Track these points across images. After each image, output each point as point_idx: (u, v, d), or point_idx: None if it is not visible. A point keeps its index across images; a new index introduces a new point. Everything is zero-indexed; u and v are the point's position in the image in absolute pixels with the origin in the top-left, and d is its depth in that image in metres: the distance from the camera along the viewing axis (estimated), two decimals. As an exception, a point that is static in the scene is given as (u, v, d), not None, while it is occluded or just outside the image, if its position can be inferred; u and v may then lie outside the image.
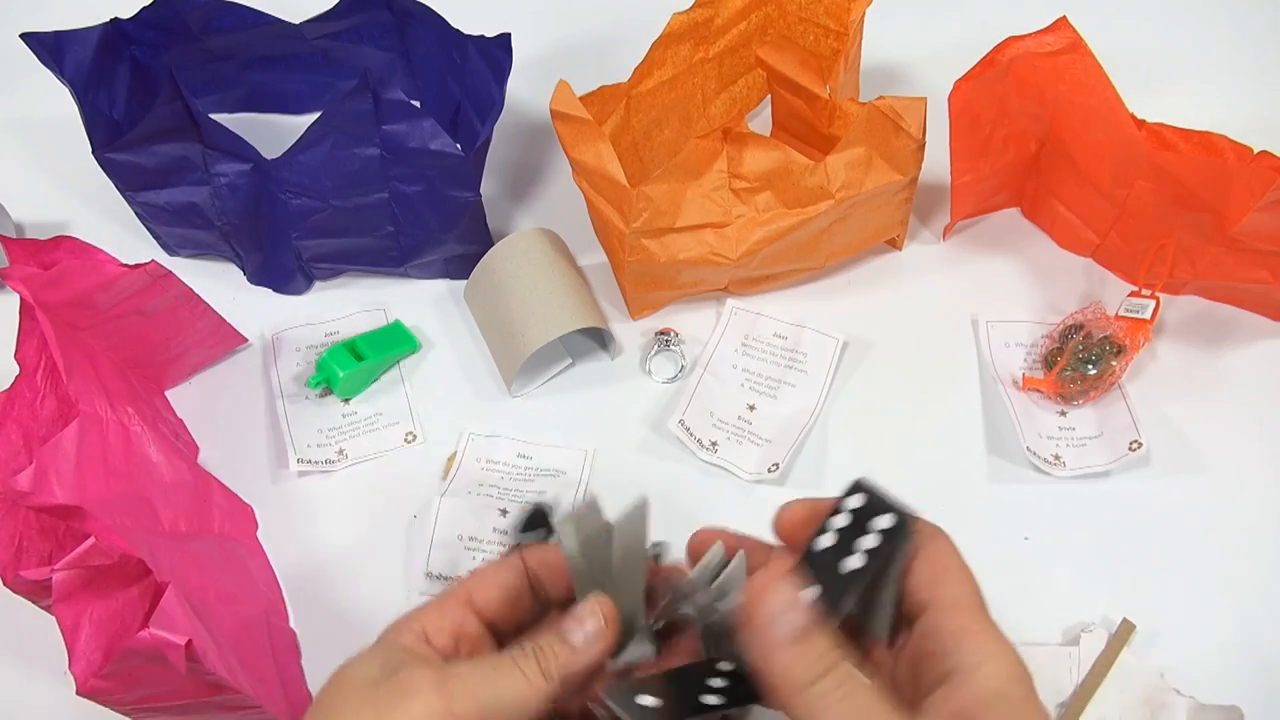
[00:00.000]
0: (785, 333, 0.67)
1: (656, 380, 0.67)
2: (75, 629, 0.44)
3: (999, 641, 0.33)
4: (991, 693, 0.31)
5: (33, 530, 0.50)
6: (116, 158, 0.64)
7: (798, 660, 0.32)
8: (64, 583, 0.44)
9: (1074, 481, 0.61)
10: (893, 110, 0.61)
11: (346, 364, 0.64)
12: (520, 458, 0.63)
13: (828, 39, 0.74)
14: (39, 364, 0.54)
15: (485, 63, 0.67)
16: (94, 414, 0.51)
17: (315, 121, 0.60)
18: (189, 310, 0.61)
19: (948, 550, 0.36)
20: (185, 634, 0.42)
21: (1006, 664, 0.32)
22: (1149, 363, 0.66)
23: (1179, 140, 0.62)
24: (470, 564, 0.59)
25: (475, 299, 0.68)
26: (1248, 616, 0.56)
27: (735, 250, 0.63)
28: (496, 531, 0.59)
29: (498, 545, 0.59)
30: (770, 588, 0.33)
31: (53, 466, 0.46)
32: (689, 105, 0.75)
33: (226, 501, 0.59)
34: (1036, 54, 0.61)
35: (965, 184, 0.68)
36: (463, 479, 0.62)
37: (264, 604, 0.56)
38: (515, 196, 0.76)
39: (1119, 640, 0.54)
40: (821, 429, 0.64)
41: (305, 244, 0.67)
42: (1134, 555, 0.59)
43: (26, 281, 0.51)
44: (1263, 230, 0.59)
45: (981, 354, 0.67)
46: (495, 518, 0.60)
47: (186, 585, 0.48)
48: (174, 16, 0.68)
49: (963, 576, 0.35)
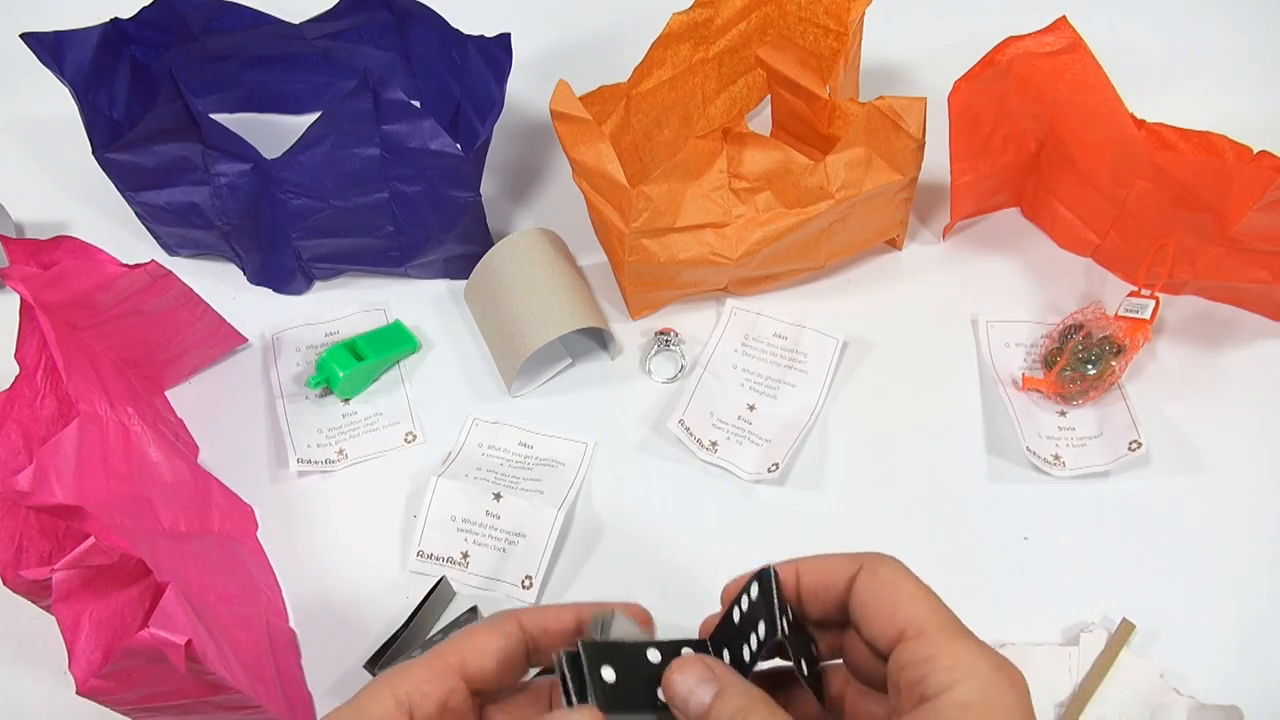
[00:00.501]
0: (785, 333, 0.67)
1: (656, 380, 0.67)
2: (75, 629, 0.44)
3: (970, 660, 0.31)
4: (961, 711, 0.30)
5: (33, 530, 0.50)
6: (116, 158, 0.64)
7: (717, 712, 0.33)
8: (64, 582, 0.44)
9: (1074, 481, 0.61)
10: (892, 110, 0.61)
11: (346, 364, 0.64)
12: (521, 446, 0.63)
13: (828, 39, 0.74)
14: (39, 364, 0.54)
15: (485, 63, 0.67)
16: (94, 414, 0.51)
17: (315, 121, 0.60)
18: (189, 310, 0.61)
19: (895, 577, 0.34)
20: (185, 634, 0.42)
21: (979, 682, 0.31)
22: (1149, 363, 0.66)
23: (1179, 140, 0.62)
24: (461, 546, 0.59)
25: (475, 299, 0.68)
26: (1247, 616, 0.56)
27: (735, 250, 0.63)
28: (489, 515, 0.60)
29: (489, 529, 0.59)
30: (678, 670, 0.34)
31: (52, 466, 0.46)
32: (689, 105, 0.75)
33: (226, 502, 0.59)
34: (1036, 54, 0.61)
35: (965, 184, 0.68)
36: (462, 463, 0.62)
37: (263, 604, 0.56)
38: (515, 196, 0.76)
39: (1119, 640, 0.54)
40: (821, 429, 0.64)
41: (305, 244, 0.67)
42: (1133, 555, 0.59)
43: (26, 281, 0.51)
44: (1262, 230, 0.59)
45: (981, 354, 0.67)
46: (489, 501, 0.60)
47: (186, 585, 0.48)
48: (174, 16, 0.68)
49: (917, 598, 0.33)
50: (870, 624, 0.34)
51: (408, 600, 0.57)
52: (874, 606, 0.34)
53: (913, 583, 0.34)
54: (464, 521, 0.60)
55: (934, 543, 0.60)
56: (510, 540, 0.59)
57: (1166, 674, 0.53)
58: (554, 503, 0.60)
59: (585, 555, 0.60)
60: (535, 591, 0.58)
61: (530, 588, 0.58)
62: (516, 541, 0.59)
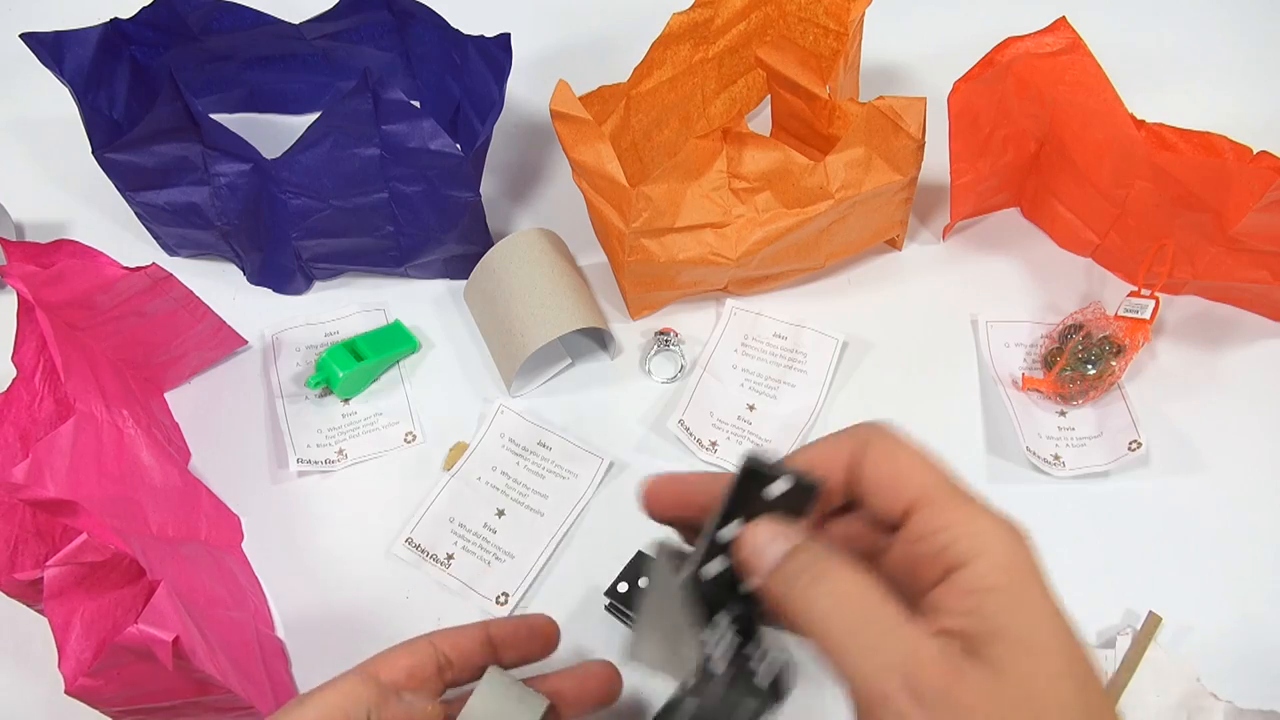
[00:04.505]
0: (785, 333, 0.67)
1: (656, 380, 0.67)
2: (66, 627, 0.44)
3: (988, 524, 0.31)
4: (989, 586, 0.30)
5: (29, 534, 0.50)
6: (116, 158, 0.64)
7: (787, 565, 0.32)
8: (55, 579, 0.44)
9: (1073, 481, 0.61)
10: (892, 110, 0.61)
11: (346, 364, 0.64)
12: (540, 446, 0.63)
13: (827, 39, 0.74)
14: (37, 366, 0.54)
15: (485, 63, 0.67)
16: (90, 414, 0.51)
17: (315, 121, 0.60)
18: (189, 313, 0.61)
19: (895, 449, 0.34)
20: (174, 631, 0.42)
21: (1003, 544, 0.31)
22: (1148, 363, 0.66)
23: (1179, 140, 0.62)
24: (449, 547, 0.59)
25: (475, 299, 0.68)
26: (1248, 616, 0.56)
27: (735, 250, 0.63)
28: (486, 528, 0.60)
29: (481, 540, 0.59)
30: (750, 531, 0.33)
31: (48, 461, 0.46)
32: (689, 105, 0.75)
33: (214, 510, 0.59)
34: (1036, 54, 0.61)
35: (965, 184, 0.68)
36: (479, 458, 0.62)
37: (251, 610, 0.55)
38: (515, 196, 0.76)
39: (1145, 634, 0.54)
40: (821, 429, 0.64)
41: (305, 244, 0.67)
42: (1133, 555, 0.59)
43: (26, 280, 0.50)
44: (1262, 230, 0.59)
45: (981, 354, 0.67)
46: (490, 515, 0.60)
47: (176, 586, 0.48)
48: (174, 16, 0.68)
49: (921, 469, 0.33)
50: (877, 500, 0.33)
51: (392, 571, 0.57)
52: (878, 483, 0.33)
53: (911, 452, 0.34)
54: (460, 526, 0.60)
55: (934, 543, 0.60)
56: (498, 557, 0.59)
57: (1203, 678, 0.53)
58: (551, 529, 0.60)
59: (583, 556, 0.60)
60: (509, 608, 0.57)
61: (505, 604, 0.57)
62: (504, 560, 0.59)
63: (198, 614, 0.48)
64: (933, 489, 0.32)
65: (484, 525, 0.60)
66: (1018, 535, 0.31)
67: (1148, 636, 0.54)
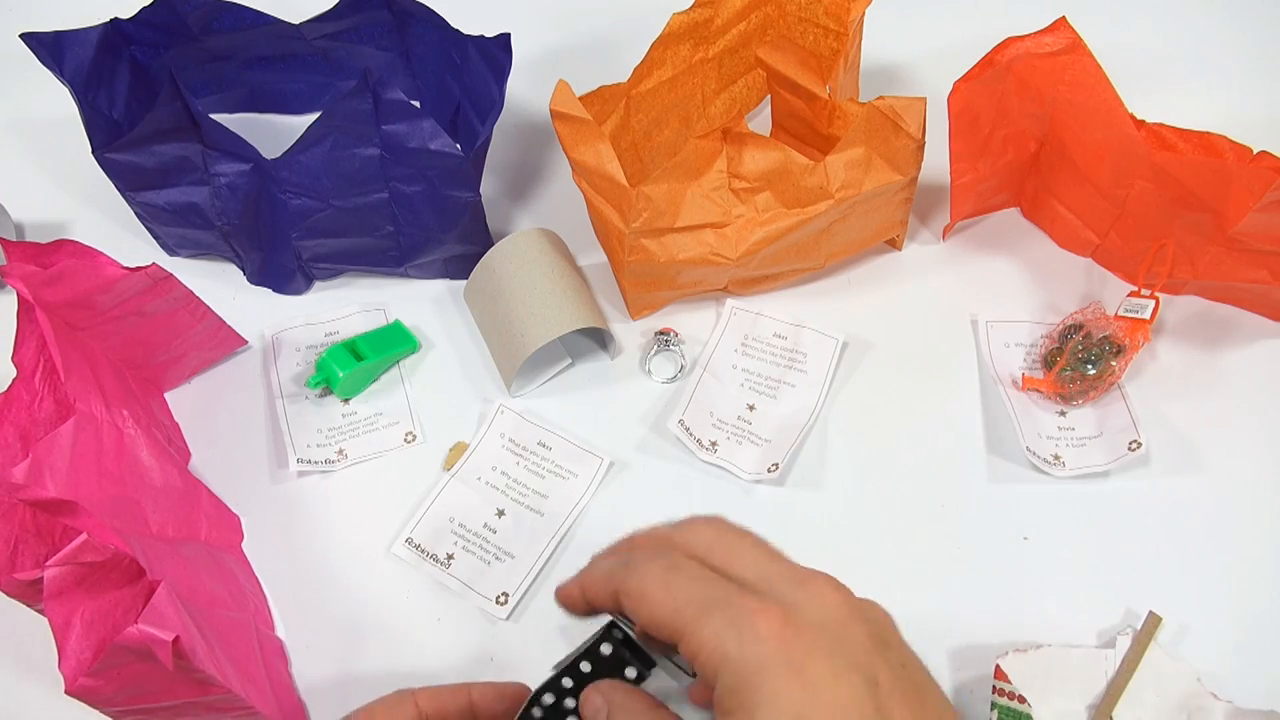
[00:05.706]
0: (785, 333, 0.67)
1: (656, 380, 0.67)
2: (66, 627, 0.44)
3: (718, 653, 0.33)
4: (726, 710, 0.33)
5: (29, 534, 0.50)
6: (116, 158, 0.64)
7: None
8: (56, 579, 0.44)
9: (1073, 481, 0.61)
10: (892, 110, 0.61)
11: (346, 364, 0.64)
12: (540, 446, 0.63)
13: (827, 39, 0.74)
14: (37, 366, 0.53)
15: (485, 63, 0.67)
16: (90, 414, 0.51)
17: (315, 121, 0.60)
18: (189, 313, 0.61)
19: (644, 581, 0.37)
20: (174, 630, 0.42)
21: (730, 677, 0.33)
22: (1148, 363, 0.66)
23: (1179, 140, 0.62)
24: (449, 548, 0.59)
25: (475, 299, 0.68)
26: (1248, 616, 0.56)
27: (735, 250, 0.63)
28: (486, 528, 0.60)
29: (481, 540, 0.59)
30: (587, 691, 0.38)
31: (48, 461, 0.46)
32: (689, 105, 0.75)
33: (214, 510, 0.59)
34: (1036, 54, 0.61)
35: (965, 184, 0.68)
36: (479, 458, 0.62)
37: (251, 610, 0.55)
38: (515, 196, 0.76)
39: (1146, 634, 0.54)
40: (821, 429, 0.64)
41: (305, 244, 0.67)
42: (1133, 555, 0.59)
43: (26, 280, 0.50)
44: (1262, 230, 0.59)
45: (981, 354, 0.67)
46: (491, 515, 0.60)
47: (176, 586, 0.48)
48: (174, 16, 0.68)
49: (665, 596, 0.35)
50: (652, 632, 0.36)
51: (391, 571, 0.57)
52: (643, 623, 0.36)
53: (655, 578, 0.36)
54: (460, 526, 0.60)
55: (933, 543, 0.60)
56: (498, 557, 0.59)
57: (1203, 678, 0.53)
58: (551, 529, 0.60)
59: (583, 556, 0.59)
60: (509, 609, 0.57)
61: (505, 604, 0.57)
62: (504, 560, 0.59)
63: (198, 614, 0.48)
64: (676, 619, 0.35)
65: (484, 525, 0.60)
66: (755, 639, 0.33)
67: (1148, 636, 0.54)
